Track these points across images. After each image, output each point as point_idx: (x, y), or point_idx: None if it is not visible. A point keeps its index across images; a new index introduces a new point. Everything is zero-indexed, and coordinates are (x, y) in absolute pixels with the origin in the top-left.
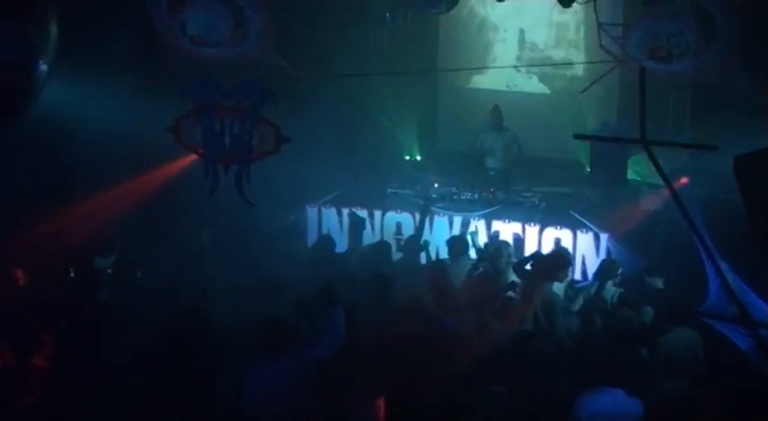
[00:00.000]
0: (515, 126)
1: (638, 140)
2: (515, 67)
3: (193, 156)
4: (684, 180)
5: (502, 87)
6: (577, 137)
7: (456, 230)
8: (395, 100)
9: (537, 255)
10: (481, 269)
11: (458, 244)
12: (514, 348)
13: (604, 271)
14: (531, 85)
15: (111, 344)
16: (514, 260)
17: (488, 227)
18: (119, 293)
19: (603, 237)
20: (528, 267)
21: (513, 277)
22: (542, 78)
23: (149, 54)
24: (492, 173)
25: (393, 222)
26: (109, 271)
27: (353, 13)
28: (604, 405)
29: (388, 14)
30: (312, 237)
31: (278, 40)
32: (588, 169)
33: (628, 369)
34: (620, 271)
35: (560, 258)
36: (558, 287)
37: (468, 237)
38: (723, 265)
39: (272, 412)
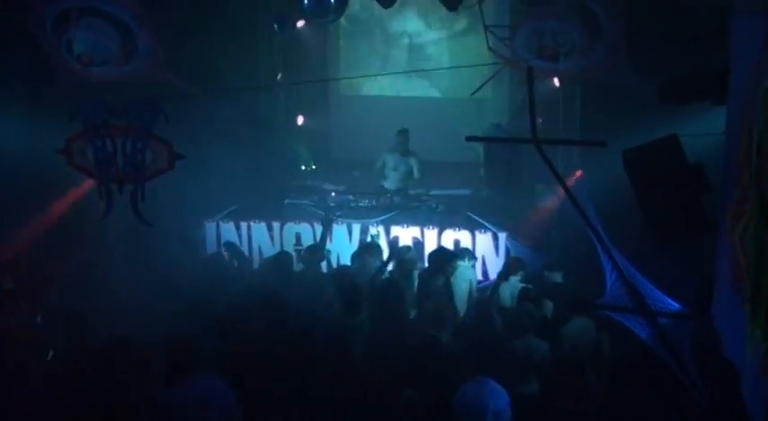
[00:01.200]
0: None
1: (528, 140)
2: (403, 72)
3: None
4: (578, 173)
5: (393, 93)
6: (469, 139)
7: (355, 238)
8: (288, 111)
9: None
10: (387, 275)
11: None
12: (426, 351)
13: (506, 267)
14: (423, 89)
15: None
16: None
17: (387, 232)
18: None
19: (502, 236)
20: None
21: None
22: (434, 82)
23: (38, 76)
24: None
25: (292, 233)
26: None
27: (243, 25)
28: (467, 394)
29: (276, 25)
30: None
31: (168, 57)
32: (483, 171)
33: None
34: (522, 269)
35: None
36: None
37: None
38: (618, 257)
39: None
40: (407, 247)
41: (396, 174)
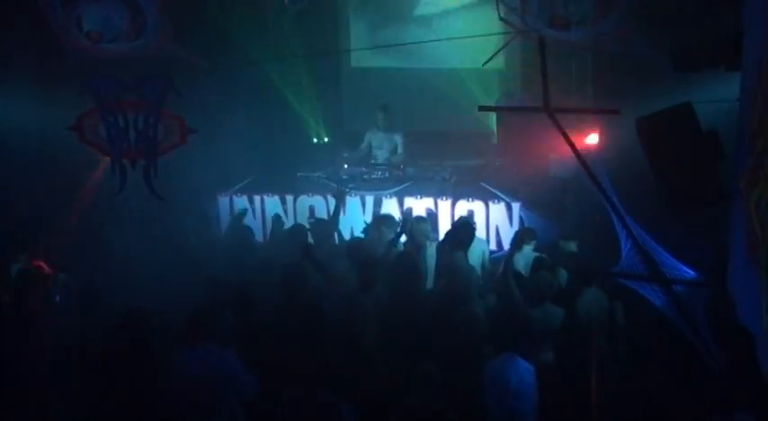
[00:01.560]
0: (421, 101)
1: (541, 109)
2: (413, 43)
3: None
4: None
5: (405, 64)
6: (482, 109)
7: (369, 210)
8: (299, 84)
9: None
10: (402, 246)
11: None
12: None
13: (517, 237)
14: (435, 61)
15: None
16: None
17: (401, 204)
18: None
19: (516, 206)
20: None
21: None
22: (446, 54)
23: (48, 53)
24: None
25: (306, 206)
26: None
27: None
28: (494, 369)
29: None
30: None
31: (176, 31)
32: (496, 140)
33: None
34: (534, 239)
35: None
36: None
37: None
38: (633, 226)
39: (194, 401)
40: (421, 218)
41: (382, 152)
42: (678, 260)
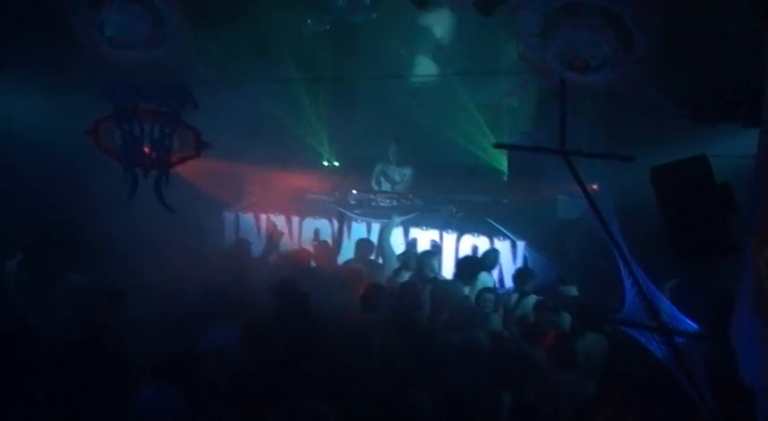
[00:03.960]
0: (432, 132)
1: (558, 151)
2: (429, 76)
3: None
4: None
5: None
6: (498, 146)
7: (374, 236)
8: (312, 105)
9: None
10: (405, 278)
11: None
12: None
13: (520, 279)
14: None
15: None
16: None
17: (406, 234)
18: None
19: (520, 244)
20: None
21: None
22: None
23: (66, 55)
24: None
25: (311, 228)
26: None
27: (273, 16)
28: None
29: (309, 20)
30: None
31: (195, 44)
32: (506, 178)
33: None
34: (534, 280)
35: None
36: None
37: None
38: (639, 273)
39: None
40: (430, 251)
41: (394, 186)
42: (681, 310)
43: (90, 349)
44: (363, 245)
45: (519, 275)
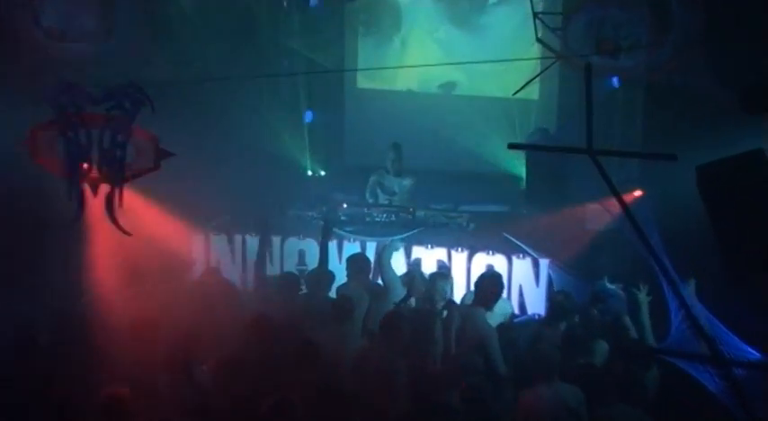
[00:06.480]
0: (437, 133)
1: (584, 150)
2: (433, 65)
3: None
4: (638, 192)
5: (421, 89)
6: (512, 147)
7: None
8: (294, 105)
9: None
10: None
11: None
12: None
13: (555, 309)
14: (455, 85)
15: None
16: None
17: (408, 254)
18: None
19: (544, 263)
20: None
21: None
22: (469, 78)
23: None
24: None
25: (295, 250)
26: None
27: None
28: None
29: (285, 2)
30: (197, 270)
31: (154, 35)
32: (524, 184)
33: None
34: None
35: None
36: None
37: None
38: (686, 294)
39: None
40: (441, 274)
41: (393, 199)
42: (740, 337)
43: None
44: (359, 261)
45: (558, 305)
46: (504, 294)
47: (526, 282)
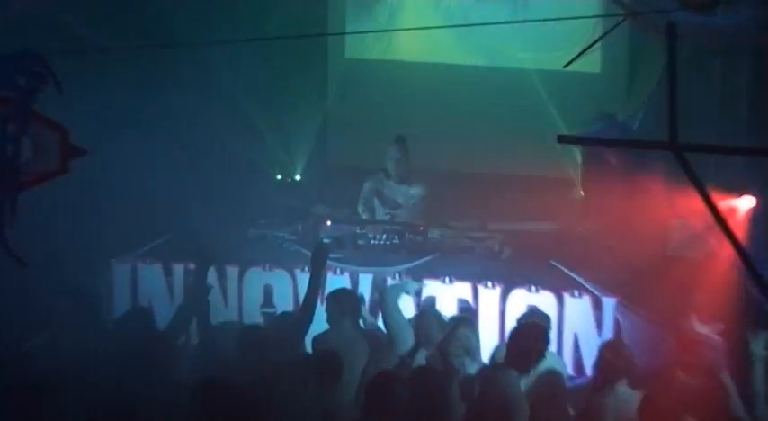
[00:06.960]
0: (457, 123)
1: (665, 145)
2: (447, 27)
3: None
4: (745, 202)
5: (431, 59)
6: (563, 140)
7: (365, 294)
8: (262, 84)
9: None
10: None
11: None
12: None
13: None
14: (475, 54)
15: None
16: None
17: (418, 291)
18: None
19: (609, 302)
20: None
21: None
22: (494, 45)
23: None
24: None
25: (259, 285)
26: None
27: None
28: None
29: None
30: (122, 310)
31: None
32: (580, 192)
33: None
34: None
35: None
36: None
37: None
38: None
39: None
40: (464, 319)
41: (394, 214)
42: None
43: None
44: (342, 299)
45: (611, 362)
46: (554, 347)
47: (584, 330)
